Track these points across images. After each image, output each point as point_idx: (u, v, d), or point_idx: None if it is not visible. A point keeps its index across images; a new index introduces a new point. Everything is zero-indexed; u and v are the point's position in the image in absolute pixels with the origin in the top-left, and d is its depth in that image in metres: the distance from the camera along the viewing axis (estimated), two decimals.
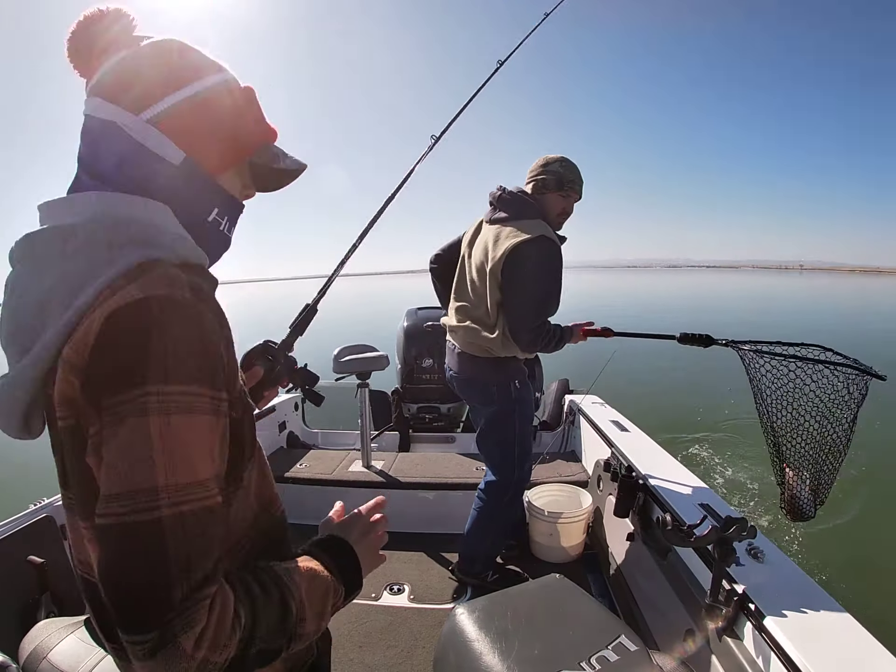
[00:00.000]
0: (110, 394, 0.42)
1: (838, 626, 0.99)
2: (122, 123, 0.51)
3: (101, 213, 0.49)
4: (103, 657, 1.19)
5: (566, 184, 1.77)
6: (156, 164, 0.52)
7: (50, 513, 1.58)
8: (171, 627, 0.40)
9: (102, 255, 0.47)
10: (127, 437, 0.41)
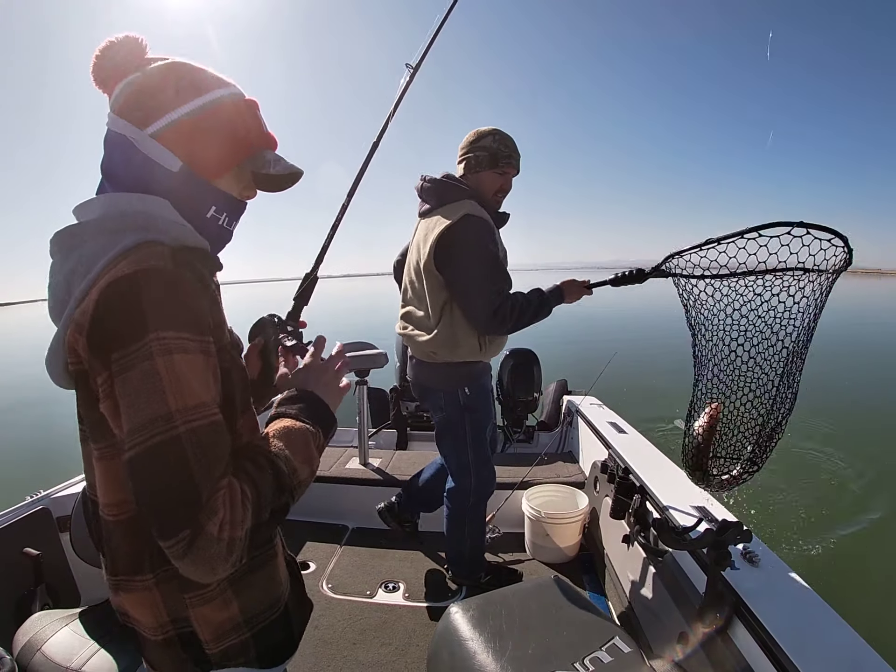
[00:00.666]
0: (118, 348, 0.52)
1: (831, 630, 0.99)
2: (131, 136, 0.61)
3: (109, 209, 0.60)
4: (97, 650, 1.19)
5: (501, 159, 1.65)
6: (157, 170, 0.62)
7: (46, 505, 1.58)
8: (199, 522, 0.49)
9: (108, 240, 0.58)
10: (139, 379, 0.51)
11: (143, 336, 0.51)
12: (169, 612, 0.63)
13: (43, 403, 7.71)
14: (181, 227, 0.62)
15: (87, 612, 1.33)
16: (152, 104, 0.62)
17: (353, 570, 2.09)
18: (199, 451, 0.51)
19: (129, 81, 0.63)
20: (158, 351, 0.51)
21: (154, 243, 0.58)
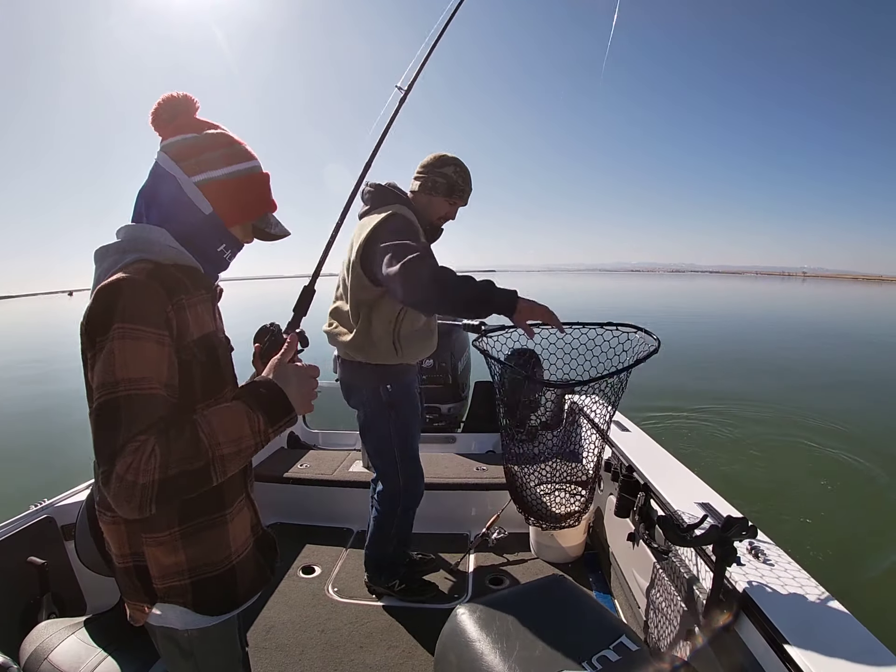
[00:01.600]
0: (100, 334, 0.69)
1: (839, 625, 0.99)
2: (180, 179, 0.81)
3: (127, 234, 0.80)
4: (104, 658, 1.19)
5: (456, 191, 1.73)
6: (193, 210, 0.82)
7: (51, 514, 1.58)
8: (113, 462, 0.64)
9: (119, 257, 0.77)
10: (104, 355, 0.68)
11: (111, 325, 0.69)
12: (130, 545, 0.79)
13: (46, 412, 7.72)
14: (174, 250, 0.80)
15: (92, 620, 1.33)
16: (201, 160, 0.81)
17: (358, 574, 2.09)
18: (128, 412, 0.67)
19: (188, 137, 0.82)
20: (117, 336, 0.68)
21: (145, 261, 0.76)
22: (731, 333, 14.25)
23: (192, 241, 0.82)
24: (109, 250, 0.79)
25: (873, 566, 3.10)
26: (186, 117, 0.83)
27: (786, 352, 10.86)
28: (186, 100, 0.83)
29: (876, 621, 1.03)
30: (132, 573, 0.80)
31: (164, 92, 0.84)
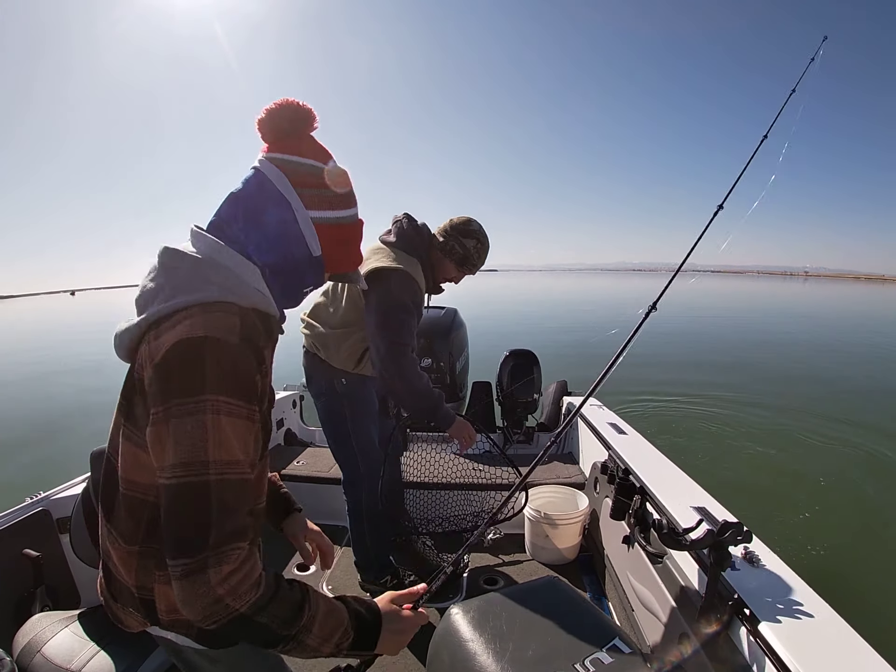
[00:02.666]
0: (179, 396, 0.60)
1: (832, 631, 0.99)
2: (296, 208, 0.72)
3: (213, 255, 0.69)
4: (97, 651, 1.19)
5: (468, 264, 1.81)
6: (302, 247, 0.74)
7: (46, 507, 1.58)
8: (204, 560, 0.56)
9: (197, 282, 0.66)
10: (192, 426, 0.59)
11: (202, 393, 0.60)
12: (138, 578, 0.72)
13: (43, 405, 7.71)
14: (260, 296, 0.71)
15: (86, 613, 1.33)
16: (324, 195, 0.74)
17: (353, 571, 2.08)
18: (221, 499, 0.59)
19: (314, 165, 0.74)
20: (211, 409, 0.60)
21: (229, 304, 0.66)
22: (731, 332, 14.28)
23: (284, 278, 0.75)
24: (186, 262, 0.68)
25: (867, 572, 3.10)
26: (305, 135, 0.75)
27: (787, 351, 10.89)
28: (309, 114, 0.75)
29: (869, 628, 1.04)
30: (134, 598, 0.73)
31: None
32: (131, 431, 0.68)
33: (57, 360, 12.18)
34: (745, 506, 3.75)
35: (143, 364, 0.65)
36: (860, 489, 4.29)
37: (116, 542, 0.72)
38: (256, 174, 0.73)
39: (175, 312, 0.64)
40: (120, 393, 0.72)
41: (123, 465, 0.69)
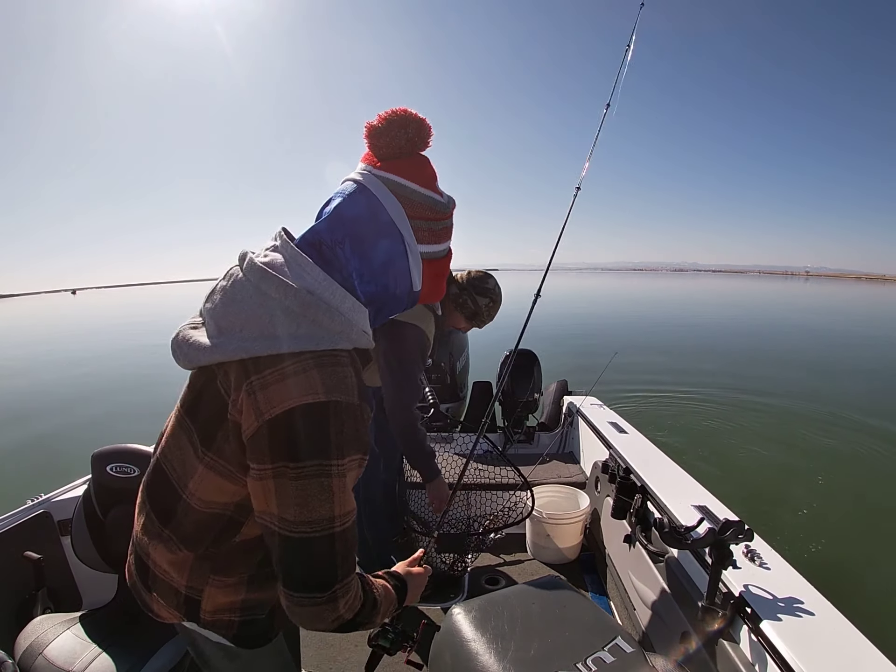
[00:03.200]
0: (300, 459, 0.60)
1: (834, 628, 0.99)
2: (408, 243, 0.68)
3: (322, 296, 0.63)
4: (99, 653, 1.20)
5: (476, 320, 1.84)
6: (405, 282, 0.71)
7: (47, 509, 1.58)
8: (334, 594, 0.65)
9: (302, 325, 0.62)
10: (316, 489, 0.61)
11: (328, 458, 0.61)
12: (190, 580, 0.74)
13: (44, 406, 7.71)
14: (366, 337, 0.68)
15: (88, 615, 1.33)
16: (434, 229, 0.70)
17: None
18: (344, 545, 0.65)
19: (430, 197, 0.69)
20: (336, 473, 0.62)
21: (340, 352, 0.64)
22: (730, 331, 14.27)
23: (377, 307, 0.72)
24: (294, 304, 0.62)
25: (869, 571, 3.10)
26: (421, 156, 0.70)
27: (787, 350, 10.89)
28: (429, 132, 0.69)
29: (871, 626, 1.04)
30: (178, 595, 0.75)
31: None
32: (214, 461, 0.67)
33: (57, 360, 12.18)
34: (746, 504, 3.75)
35: (241, 409, 0.63)
36: (862, 486, 4.29)
37: (175, 546, 0.73)
38: (367, 195, 0.67)
39: (281, 357, 0.61)
40: (185, 412, 0.72)
41: (201, 488, 0.69)
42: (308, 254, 0.66)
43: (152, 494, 0.78)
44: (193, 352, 0.66)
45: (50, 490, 1.68)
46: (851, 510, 3.89)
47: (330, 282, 0.64)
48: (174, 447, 0.73)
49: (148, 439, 1.63)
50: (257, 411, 0.61)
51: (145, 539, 0.78)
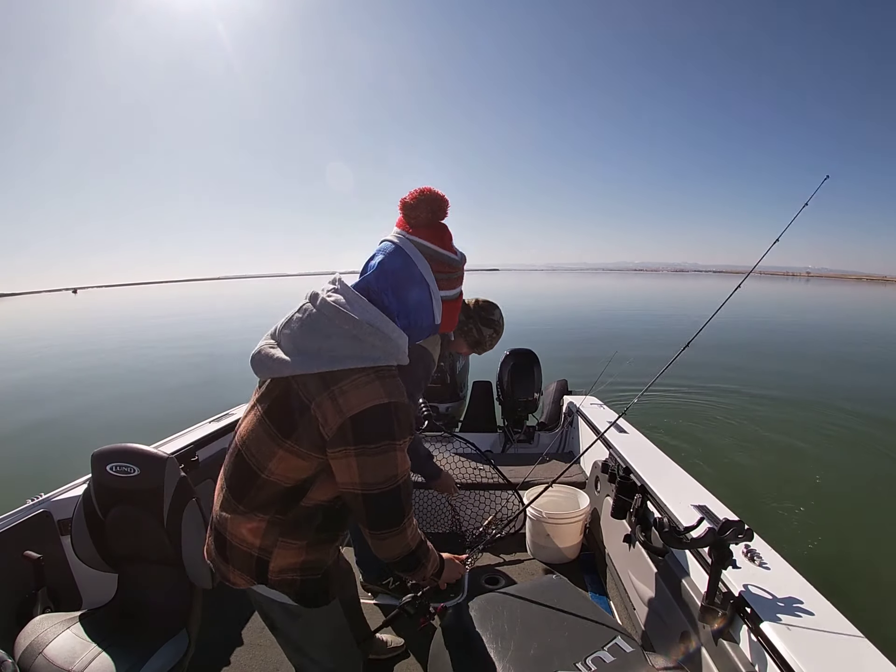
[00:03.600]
0: (374, 441, 0.85)
1: (833, 628, 0.99)
2: (433, 290, 0.92)
3: (378, 326, 0.87)
4: (98, 653, 1.20)
5: (478, 348, 1.89)
6: (429, 318, 0.95)
7: (48, 508, 1.58)
8: (403, 527, 0.93)
9: (365, 349, 0.86)
10: (387, 459, 0.86)
11: (393, 440, 0.86)
12: (262, 542, 0.94)
13: (44, 405, 7.71)
14: (405, 356, 0.91)
15: (88, 614, 1.33)
16: (451, 279, 0.95)
17: (355, 570, 2.09)
18: (406, 493, 0.92)
19: (449, 257, 0.93)
20: (399, 448, 0.88)
21: (391, 367, 0.89)
22: (730, 332, 14.26)
23: (411, 337, 0.96)
24: (361, 334, 0.86)
25: (869, 570, 3.10)
26: (442, 225, 0.94)
27: (787, 350, 10.89)
28: (447, 206, 0.93)
29: (871, 626, 1.04)
30: (251, 560, 0.95)
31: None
32: (293, 446, 0.88)
33: (58, 360, 12.18)
34: (746, 504, 3.75)
35: (325, 409, 0.84)
36: (862, 487, 4.29)
37: (252, 515, 0.93)
38: (402, 254, 0.90)
39: (350, 372, 0.85)
40: (263, 413, 0.92)
41: (280, 467, 0.89)
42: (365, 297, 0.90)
43: (231, 477, 0.97)
44: (277, 365, 0.88)
45: (50, 490, 1.68)
46: (852, 510, 3.89)
47: (383, 316, 0.88)
48: (252, 439, 0.93)
49: (148, 439, 1.64)
50: (340, 411, 0.83)
51: (224, 515, 0.96)
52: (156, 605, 1.37)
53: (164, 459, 1.32)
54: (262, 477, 0.91)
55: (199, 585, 1.32)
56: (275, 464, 0.89)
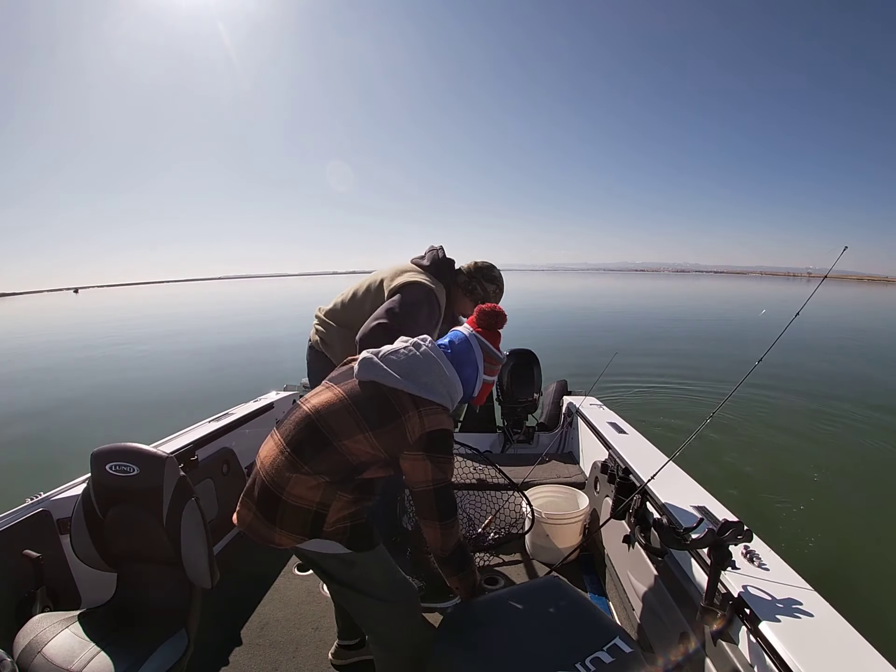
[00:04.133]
0: (440, 452, 1.17)
1: (832, 629, 0.99)
2: (480, 372, 1.30)
3: (451, 380, 1.24)
4: (97, 652, 1.20)
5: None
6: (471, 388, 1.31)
7: (47, 507, 1.58)
8: (455, 519, 1.22)
9: (440, 389, 1.21)
10: (442, 464, 1.18)
11: (449, 453, 1.20)
12: (322, 497, 1.13)
13: (44, 405, 7.71)
14: (453, 406, 1.26)
15: (87, 614, 1.33)
16: (492, 369, 1.33)
17: None
18: (452, 492, 1.23)
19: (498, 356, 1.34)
20: (451, 458, 1.21)
21: (447, 408, 1.22)
22: (730, 332, 14.26)
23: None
24: (442, 379, 1.22)
25: (868, 572, 3.10)
26: (498, 332, 1.35)
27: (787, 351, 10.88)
28: (504, 321, 1.35)
29: (869, 627, 1.04)
30: (309, 515, 1.13)
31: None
32: (371, 438, 1.13)
33: (58, 359, 12.18)
34: (745, 504, 3.75)
35: (413, 421, 1.14)
36: (862, 487, 4.29)
37: (316, 476, 1.12)
38: (468, 345, 1.29)
39: (432, 403, 1.18)
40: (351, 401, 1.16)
41: (355, 448, 1.13)
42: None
43: (295, 438, 1.16)
44: (384, 376, 1.18)
45: (49, 489, 1.68)
46: (851, 510, 3.89)
47: (457, 377, 1.25)
48: (332, 416, 1.15)
49: (147, 438, 1.64)
50: (422, 426, 1.15)
51: (285, 475, 1.13)
52: (155, 604, 1.37)
53: (164, 459, 1.32)
54: (334, 446, 1.12)
55: (199, 585, 1.32)
56: (351, 443, 1.13)
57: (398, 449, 1.14)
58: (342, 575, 1.21)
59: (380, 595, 1.23)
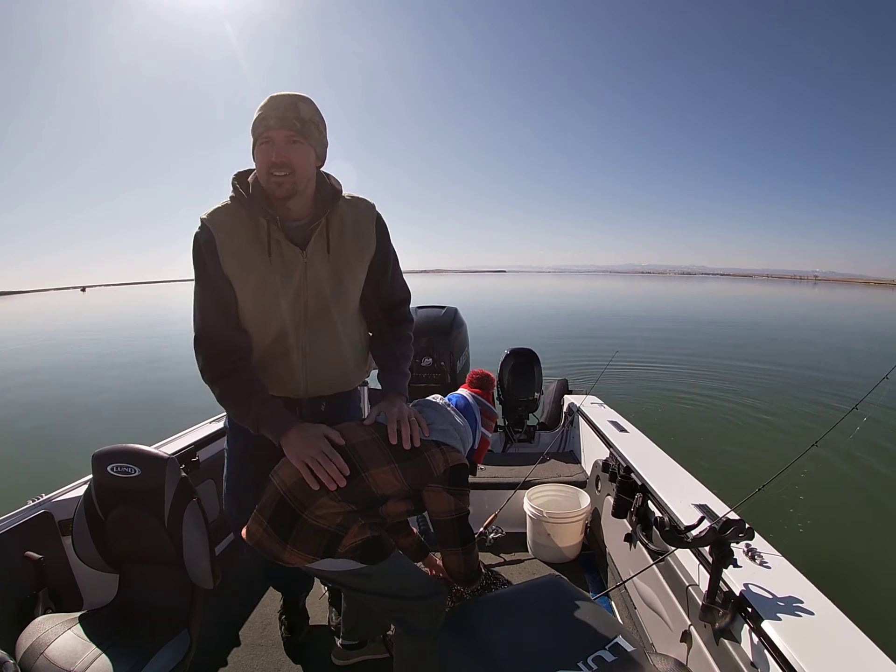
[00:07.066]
0: (461, 485, 1.26)
1: (835, 627, 0.99)
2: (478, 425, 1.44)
3: (463, 429, 1.34)
4: (99, 654, 1.20)
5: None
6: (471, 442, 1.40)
7: (48, 509, 1.58)
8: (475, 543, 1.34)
9: (455, 436, 1.30)
10: (464, 497, 1.27)
11: (466, 486, 1.27)
12: (344, 520, 1.12)
13: (45, 405, 7.72)
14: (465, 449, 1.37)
15: (89, 615, 1.33)
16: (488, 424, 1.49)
17: None
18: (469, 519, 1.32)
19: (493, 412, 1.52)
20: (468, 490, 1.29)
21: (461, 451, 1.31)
22: (730, 333, 14.28)
23: None
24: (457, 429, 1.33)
25: (870, 570, 3.10)
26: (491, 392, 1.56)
27: (788, 350, 10.90)
28: (493, 385, 1.58)
29: (872, 625, 1.04)
30: (327, 535, 1.10)
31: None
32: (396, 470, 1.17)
33: (60, 359, 12.19)
34: (747, 504, 3.75)
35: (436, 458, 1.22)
36: (863, 486, 4.29)
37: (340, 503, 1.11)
38: (469, 401, 1.44)
39: (452, 446, 1.27)
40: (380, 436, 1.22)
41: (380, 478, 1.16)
42: None
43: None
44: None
45: (51, 490, 1.68)
46: (854, 508, 3.89)
47: (466, 423, 1.38)
48: (363, 445, 1.20)
49: (148, 439, 1.64)
50: (445, 462, 1.23)
51: (311, 495, 1.11)
52: (157, 605, 1.37)
53: (165, 460, 1.32)
54: (362, 476, 1.15)
55: (201, 586, 1.32)
56: (377, 473, 1.16)
57: (422, 482, 1.20)
58: (361, 587, 1.22)
59: (403, 595, 1.25)
